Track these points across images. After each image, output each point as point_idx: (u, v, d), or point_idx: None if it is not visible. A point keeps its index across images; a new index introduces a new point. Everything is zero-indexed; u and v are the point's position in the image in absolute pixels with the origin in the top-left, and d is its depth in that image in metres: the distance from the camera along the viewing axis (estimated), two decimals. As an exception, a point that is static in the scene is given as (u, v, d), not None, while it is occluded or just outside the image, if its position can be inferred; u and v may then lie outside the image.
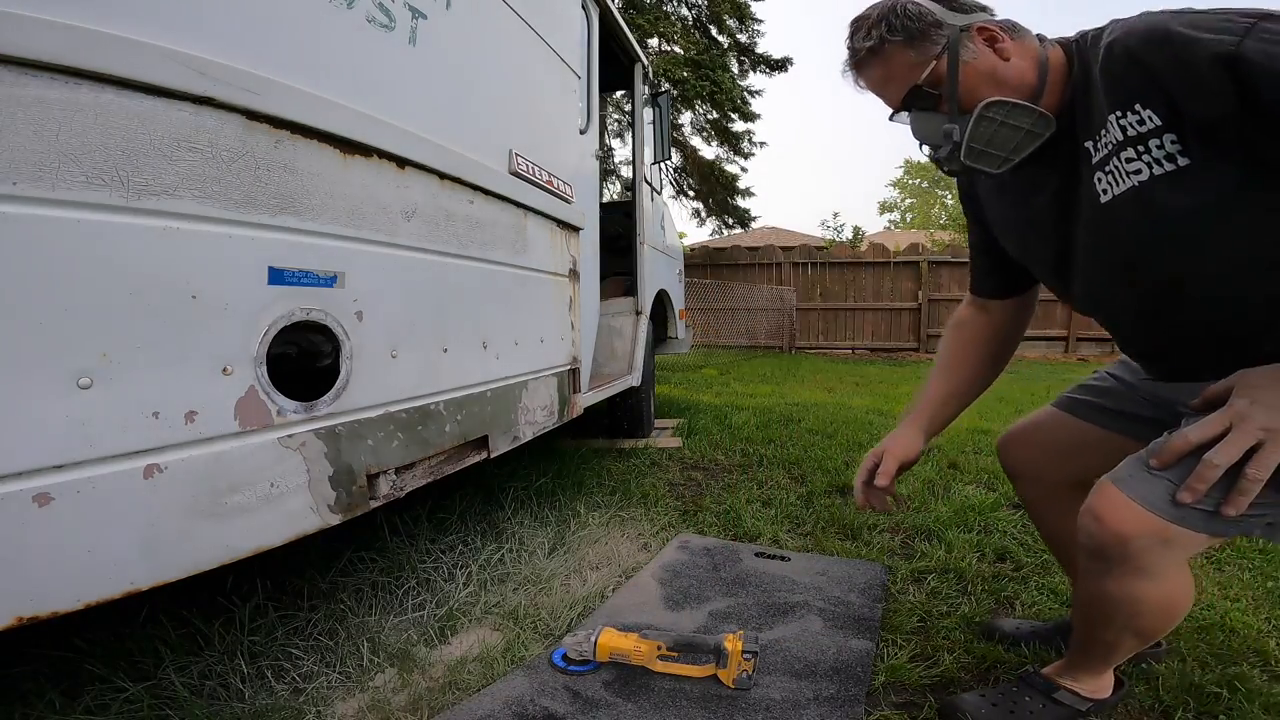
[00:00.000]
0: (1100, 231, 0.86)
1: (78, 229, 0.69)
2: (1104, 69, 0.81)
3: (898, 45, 0.88)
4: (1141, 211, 0.80)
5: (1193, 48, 0.70)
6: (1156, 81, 0.74)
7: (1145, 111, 0.76)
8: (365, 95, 1.07)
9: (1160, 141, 0.76)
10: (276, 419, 0.90)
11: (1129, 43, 0.77)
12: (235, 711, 1.02)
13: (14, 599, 0.66)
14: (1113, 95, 0.79)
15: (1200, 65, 0.69)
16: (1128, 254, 0.85)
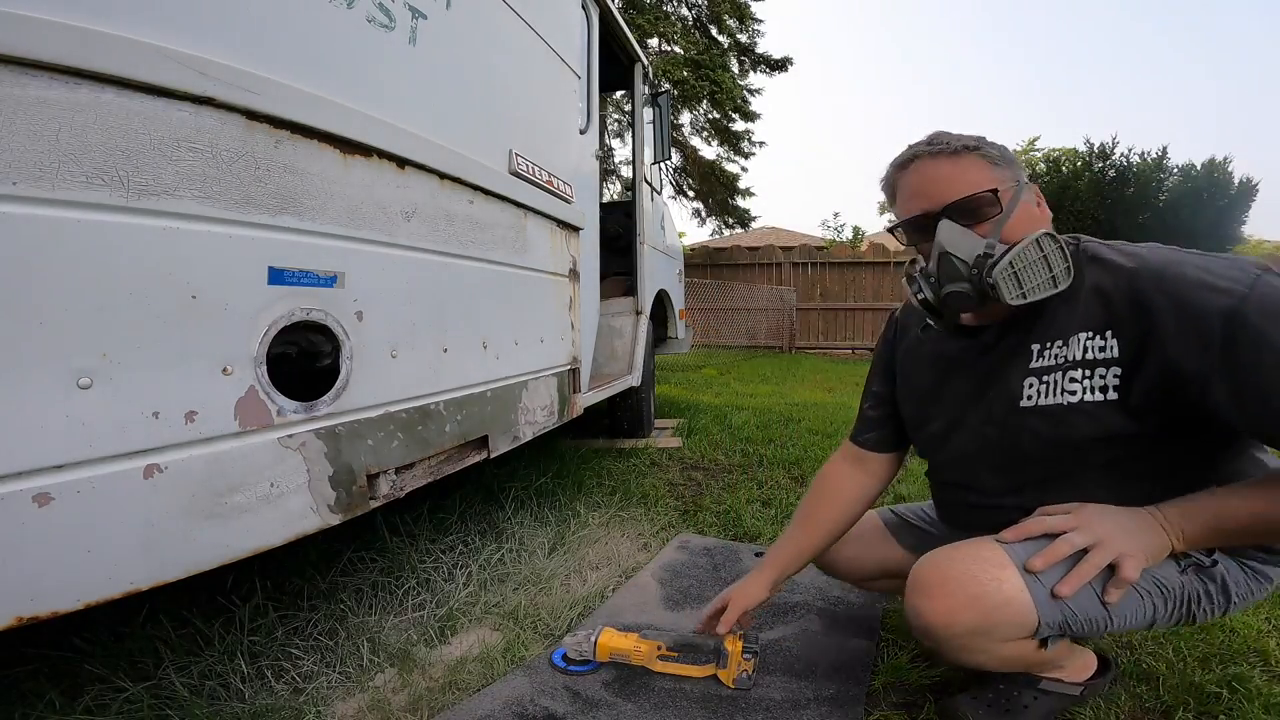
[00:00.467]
0: (1007, 429, 0.91)
1: (78, 229, 0.69)
2: (1097, 288, 0.84)
3: (983, 158, 0.89)
4: (1058, 425, 0.85)
5: (1204, 298, 0.73)
6: (1147, 319, 0.78)
7: (1109, 339, 0.81)
8: (365, 95, 1.07)
9: (1105, 373, 0.81)
10: (276, 419, 0.90)
11: (1141, 274, 0.80)
12: (235, 711, 1.02)
13: (14, 599, 0.66)
14: (1093, 315, 0.83)
15: (1205, 316, 0.73)
16: (1019, 454, 0.91)
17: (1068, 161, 10.71)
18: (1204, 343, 0.73)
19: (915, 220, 0.92)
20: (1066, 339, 0.86)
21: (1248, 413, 0.73)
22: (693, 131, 11.46)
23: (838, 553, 1.22)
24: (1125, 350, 0.80)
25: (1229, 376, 0.72)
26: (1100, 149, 9.85)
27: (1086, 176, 9.59)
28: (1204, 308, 0.73)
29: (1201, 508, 0.79)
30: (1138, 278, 0.80)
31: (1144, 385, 0.79)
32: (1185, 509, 0.80)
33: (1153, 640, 1.23)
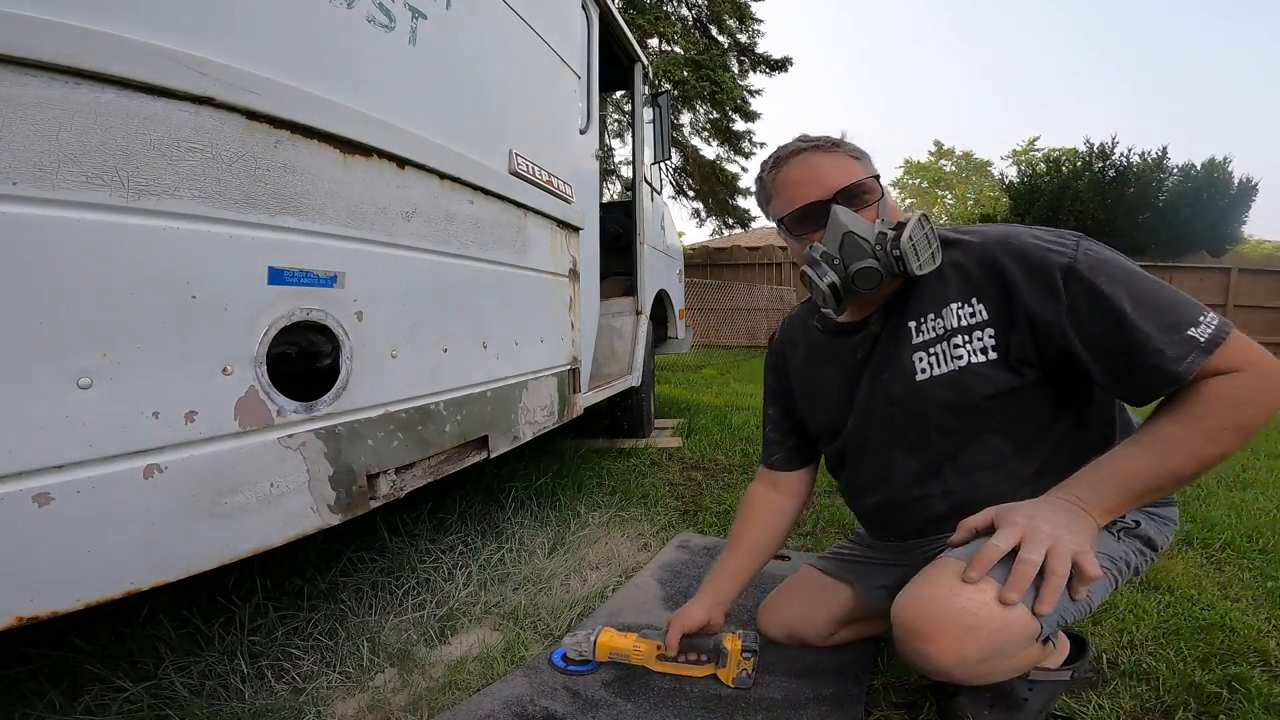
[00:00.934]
0: (910, 404, 0.97)
1: (78, 229, 0.69)
2: (955, 263, 0.94)
3: (849, 154, 0.99)
4: (954, 390, 0.92)
5: (1042, 254, 0.85)
6: (1001, 280, 0.88)
7: (975, 304, 0.90)
8: (365, 95, 1.07)
9: (981, 335, 0.90)
10: (276, 419, 0.90)
11: (987, 246, 0.91)
12: (235, 711, 1.02)
13: (14, 599, 0.66)
14: (957, 288, 0.92)
15: (1046, 269, 0.84)
16: (926, 427, 0.96)
17: (1068, 161, 10.72)
18: (1052, 294, 0.84)
19: (809, 207, 0.97)
20: (939, 311, 0.94)
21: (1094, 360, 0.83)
22: (693, 131, 11.46)
23: (791, 615, 1.22)
24: (992, 311, 0.89)
25: (1075, 328, 0.83)
26: (1100, 149, 9.85)
27: (1086, 176, 9.60)
28: (1045, 262, 0.84)
29: (1106, 481, 0.81)
30: (985, 248, 0.91)
31: (1018, 339, 0.87)
32: (1094, 486, 0.82)
33: (1153, 640, 1.23)
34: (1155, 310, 0.80)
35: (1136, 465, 0.81)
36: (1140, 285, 0.81)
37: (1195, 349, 0.77)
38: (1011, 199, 10.96)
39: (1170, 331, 0.78)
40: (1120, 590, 0.94)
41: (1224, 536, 1.77)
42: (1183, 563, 1.61)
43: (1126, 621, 1.29)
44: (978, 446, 0.94)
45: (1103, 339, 0.81)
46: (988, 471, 0.94)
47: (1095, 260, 0.83)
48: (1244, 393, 0.77)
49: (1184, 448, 0.78)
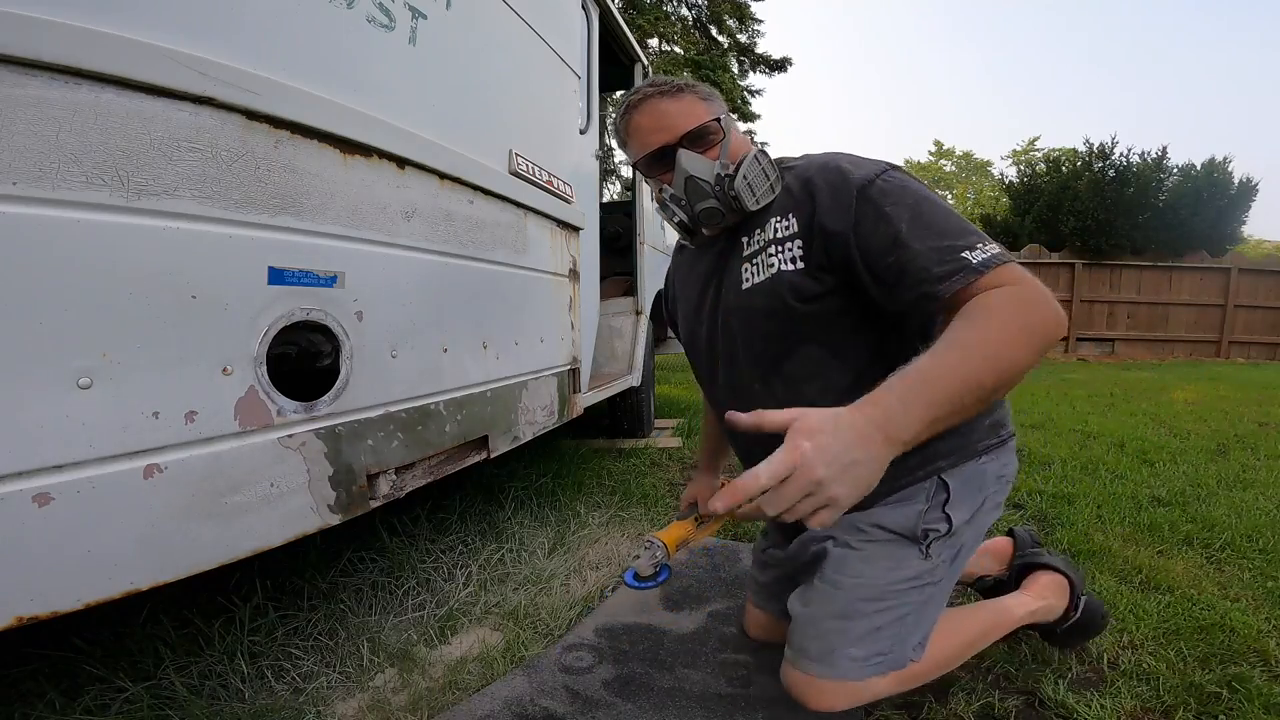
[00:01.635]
0: (739, 313, 1.04)
1: (78, 229, 0.69)
2: (785, 185, 1.01)
3: (696, 96, 1.04)
4: (770, 297, 0.98)
5: (845, 174, 0.91)
6: (811, 196, 0.94)
7: (790, 218, 0.97)
8: (365, 95, 1.07)
9: (791, 245, 0.96)
10: (276, 419, 0.90)
11: (808, 167, 0.98)
12: (235, 711, 1.02)
13: (14, 599, 0.66)
14: (780, 205, 1.00)
15: (845, 188, 0.90)
16: (755, 334, 1.03)
17: (1068, 161, 10.71)
18: (844, 210, 0.89)
19: (657, 152, 1.04)
20: (763, 225, 1.01)
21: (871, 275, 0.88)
22: (693, 131, 11.45)
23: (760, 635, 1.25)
24: (800, 224, 0.95)
25: (857, 243, 0.88)
26: (1100, 149, 9.85)
27: (1086, 176, 9.60)
28: (845, 181, 0.90)
29: (914, 391, 0.71)
30: (806, 169, 0.98)
31: (816, 249, 0.93)
32: (903, 397, 0.70)
33: (1153, 640, 1.23)
34: (933, 233, 0.83)
35: (939, 371, 0.72)
36: (925, 211, 0.85)
37: (964, 269, 0.79)
38: (1011, 199, 10.96)
39: (942, 252, 0.81)
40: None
41: (1224, 536, 1.77)
42: (1183, 563, 1.61)
43: (1126, 622, 1.29)
44: (800, 356, 1.00)
45: (879, 255, 0.86)
46: (811, 383, 0.99)
47: (890, 185, 0.88)
48: (1025, 294, 0.76)
49: (979, 349, 0.72)
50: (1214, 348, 9.25)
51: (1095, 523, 1.90)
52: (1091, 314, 9.30)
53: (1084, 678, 1.13)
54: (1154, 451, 2.82)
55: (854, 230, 0.88)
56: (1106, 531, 1.83)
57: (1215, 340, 9.24)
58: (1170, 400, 4.57)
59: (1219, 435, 3.26)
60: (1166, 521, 1.88)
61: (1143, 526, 1.86)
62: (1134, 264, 9.19)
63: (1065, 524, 1.88)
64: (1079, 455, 2.73)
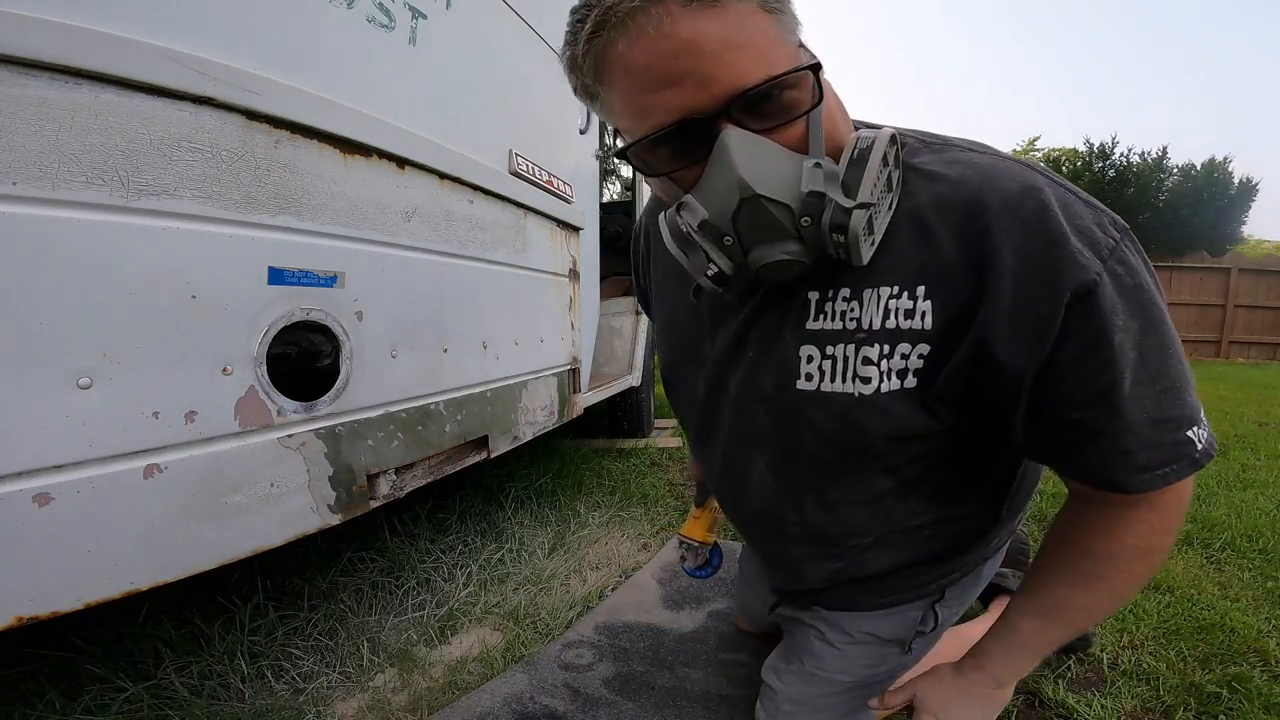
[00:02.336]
0: (781, 413, 0.67)
1: (78, 229, 0.69)
2: (915, 214, 0.55)
3: (760, 7, 0.50)
4: (841, 422, 0.61)
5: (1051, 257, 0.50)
6: (982, 274, 0.52)
7: (925, 303, 0.55)
8: (365, 95, 1.07)
9: (910, 350, 0.56)
10: (276, 419, 0.90)
11: (980, 200, 0.53)
12: (235, 711, 1.02)
13: (14, 599, 0.66)
14: (907, 261, 0.56)
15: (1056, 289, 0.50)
16: (796, 450, 0.68)
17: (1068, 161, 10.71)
18: (1039, 333, 0.51)
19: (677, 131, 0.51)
20: (860, 291, 0.58)
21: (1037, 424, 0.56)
22: (693, 131, 11.45)
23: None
24: (939, 318, 0.55)
25: (1041, 382, 0.53)
26: (1100, 149, 9.86)
27: (1086, 176, 9.60)
28: (1057, 270, 0.50)
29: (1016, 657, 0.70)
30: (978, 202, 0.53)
31: (954, 373, 0.56)
32: (1006, 665, 0.71)
33: (1153, 640, 1.23)
34: (1158, 392, 0.53)
35: (1045, 638, 0.69)
36: (1154, 343, 0.52)
37: (1182, 460, 0.54)
38: (1011, 199, 10.96)
39: (1162, 429, 0.53)
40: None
41: (1224, 536, 1.77)
42: (1183, 563, 1.61)
43: (1126, 622, 1.29)
44: (856, 486, 0.69)
45: (1068, 407, 0.53)
46: (860, 511, 0.72)
47: (1123, 287, 0.51)
48: (1155, 540, 0.61)
49: (1093, 613, 0.67)
50: (1214, 348, 9.25)
51: (1095, 523, 1.90)
52: (1091, 314, 9.30)
53: (1084, 678, 1.13)
54: (1154, 451, 2.81)
55: (1046, 363, 0.52)
56: (1106, 531, 1.82)
57: (1215, 340, 9.24)
58: (1170, 400, 4.56)
59: (1219, 435, 3.26)
60: (1166, 521, 1.88)
61: (1143, 526, 1.86)
62: (1134, 264, 9.19)
63: (1065, 524, 1.87)
64: (1079, 455, 2.72)
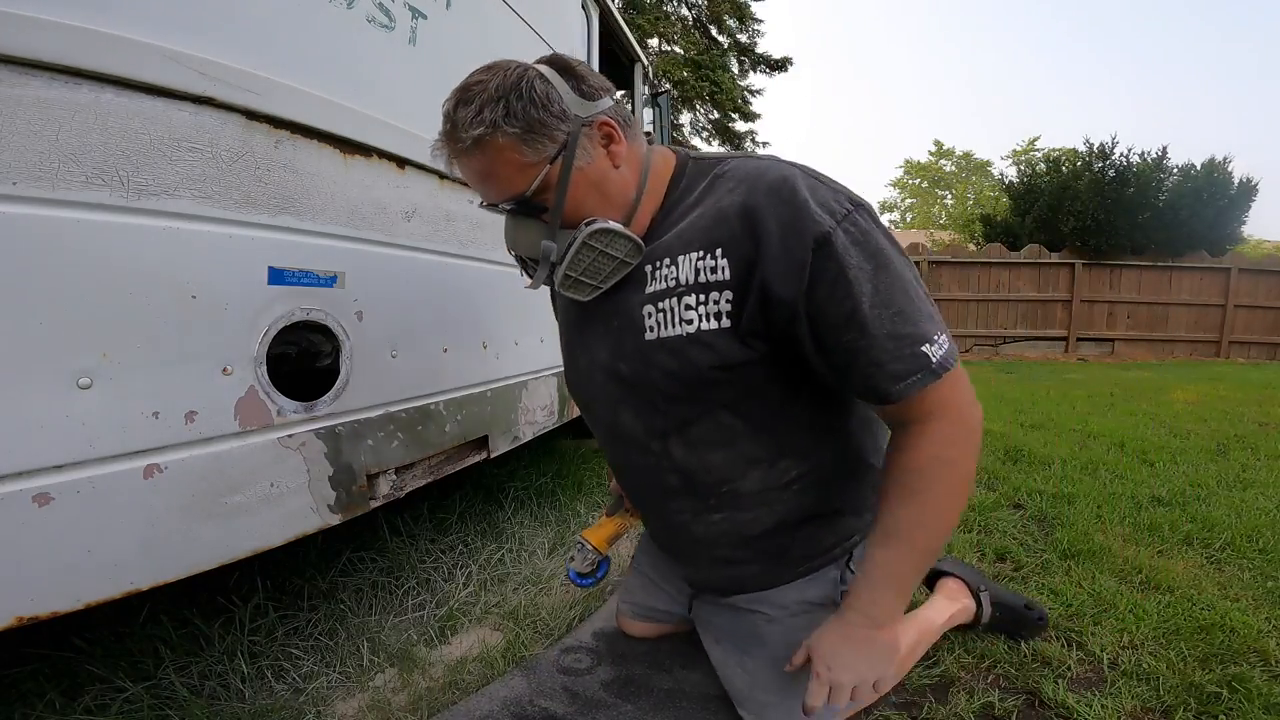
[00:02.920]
0: (637, 362, 0.85)
1: (78, 229, 0.69)
2: (715, 198, 0.79)
3: (510, 139, 0.75)
4: (679, 357, 0.80)
5: (803, 213, 0.72)
6: (754, 236, 0.73)
7: (720, 259, 0.76)
8: (365, 95, 1.07)
9: (718, 296, 0.76)
10: (276, 419, 0.90)
11: (752, 184, 0.76)
12: (235, 711, 1.02)
13: (14, 599, 0.66)
14: (707, 231, 0.77)
15: (802, 234, 0.71)
16: (656, 391, 0.84)
17: (1068, 161, 10.72)
18: (798, 267, 0.71)
19: (489, 206, 0.84)
20: (676, 257, 0.80)
21: (818, 349, 0.75)
22: (693, 131, 11.45)
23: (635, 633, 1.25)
24: (735, 272, 0.75)
25: (807, 312, 0.73)
26: (1100, 149, 9.85)
27: (1086, 176, 9.59)
28: (804, 224, 0.71)
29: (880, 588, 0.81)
30: (752, 188, 0.76)
31: (752, 309, 0.75)
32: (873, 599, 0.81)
33: (1153, 640, 1.23)
34: (893, 314, 0.72)
35: (897, 562, 0.80)
36: (888, 279, 0.72)
37: (923, 370, 0.72)
38: (1011, 199, 10.95)
39: (900, 343, 0.72)
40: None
41: (1224, 536, 1.77)
42: (1183, 563, 1.61)
43: (1126, 621, 1.29)
44: (709, 422, 0.84)
45: (831, 331, 0.73)
46: (719, 451, 0.86)
47: (855, 235, 0.72)
48: (952, 451, 0.76)
49: (924, 528, 0.79)
50: (1214, 348, 9.25)
51: (1095, 523, 1.90)
52: (1091, 314, 9.29)
53: (1084, 678, 1.13)
54: (1154, 451, 2.82)
55: (806, 295, 0.72)
56: (1106, 531, 1.82)
57: (1215, 340, 9.23)
58: (1170, 400, 4.57)
59: (1219, 435, 3.26)
60: (1166, 521, 1.88)
61: (1143, 526, 1.86)
62: (1134, 264, 9.18)
63: (1065, 524, 1.88)
64: (1079, 455, 2.73)
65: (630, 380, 0.87)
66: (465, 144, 0.75)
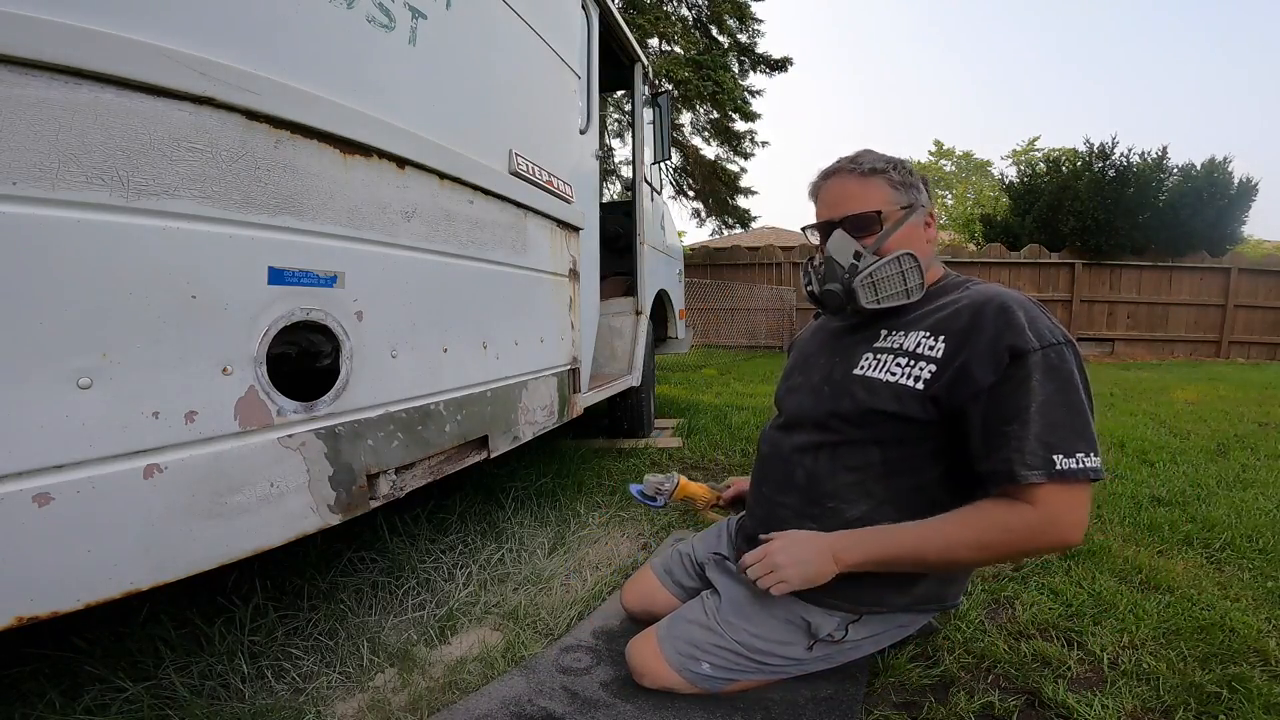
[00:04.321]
0: (836, 387, 1.08)
1: (78, 229, 0.69)
2: (954, 300, 1.01)
3: (890, 182, 1.05)
4: (871, 395, 1.01)
5: (1015, 333, 0.90)
6: (970, 333, 0.93)
7: (940, 342, 0.96)
8: (365, 95, 1.07)
9: (924, 366, 0.96)
10: (276, 419, 0.90)
11: (986, 299, 0.95)
12: (235, 711, 1.02)
13: (14, 599, 0.66)
14: (938, 321, 0.99)
15: (1008, 345, 0.90)
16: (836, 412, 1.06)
17: (1068, 161, 10.71)
18: (995, 366, 0.90)
19: (820, 225, 1.10)
20: (908, 332, 1.02)
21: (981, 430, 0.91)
22: (693, 131, 11.45)
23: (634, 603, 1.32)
24: (946, 355, 0.95)
25: (987, 399, 0.90)
26: (1100, 149, 9.84)
27: (1086, 176, 9.58)
28: (1011, 340, 0.90)
29: (867, 540, 0.97)
30: (983, 300, 0.95)
31: (945, 382, 0.94)
32: (857, 539, 0.98)
33: (1153, 640, 1.23)
34: (1052, 423, 0.87)
35: (896, 537, 0.96)
36: (1062, 401, 0.88)
37: (1048, 471, 0.86)
38: (1011, 199, 10.95)
39: (1049, 447, 0.86)
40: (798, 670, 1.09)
41: (1224, 536, 1.77)
42: (1183, 563, 1.61)
43: (1126, 621, 1.29)
44: (858, 448, 1.03)
45: (999, 419, 0.89)
46: (850, 473, 1.04)
47: (1051, 362, 0.89)
48: (1023, 529, 0.88)
49: (940, 541, 0.93)
50: (1214, 348, 9.25)
51: (1095, 523, 1.90)
52: (1091, 314, 9.29)
53: (1084, 678, 1.13)
54: (1154, 451, 2.82)
55: (992, 385, 0.90)
56: (1106, 531, 1.82)
57: (1215, 340, 9.23)
58: (1170, 400, 4.56)
59: (1219, 435, 3.26)
60: (1166, 521, 1.88)
61: (1143, 526, 1.86)
62: (1134, 264, 9.18)
63: (1065, 524, 1.87)
64: (1079, 455, 2.72)
65: (825, 395, 1.09)
66: (862, 168, 1.06)
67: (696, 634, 1.07)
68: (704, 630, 1.07)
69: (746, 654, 1.04)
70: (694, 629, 1.08)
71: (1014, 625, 1.30)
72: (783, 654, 1.05)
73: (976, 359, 0.91)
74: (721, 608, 1.10)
